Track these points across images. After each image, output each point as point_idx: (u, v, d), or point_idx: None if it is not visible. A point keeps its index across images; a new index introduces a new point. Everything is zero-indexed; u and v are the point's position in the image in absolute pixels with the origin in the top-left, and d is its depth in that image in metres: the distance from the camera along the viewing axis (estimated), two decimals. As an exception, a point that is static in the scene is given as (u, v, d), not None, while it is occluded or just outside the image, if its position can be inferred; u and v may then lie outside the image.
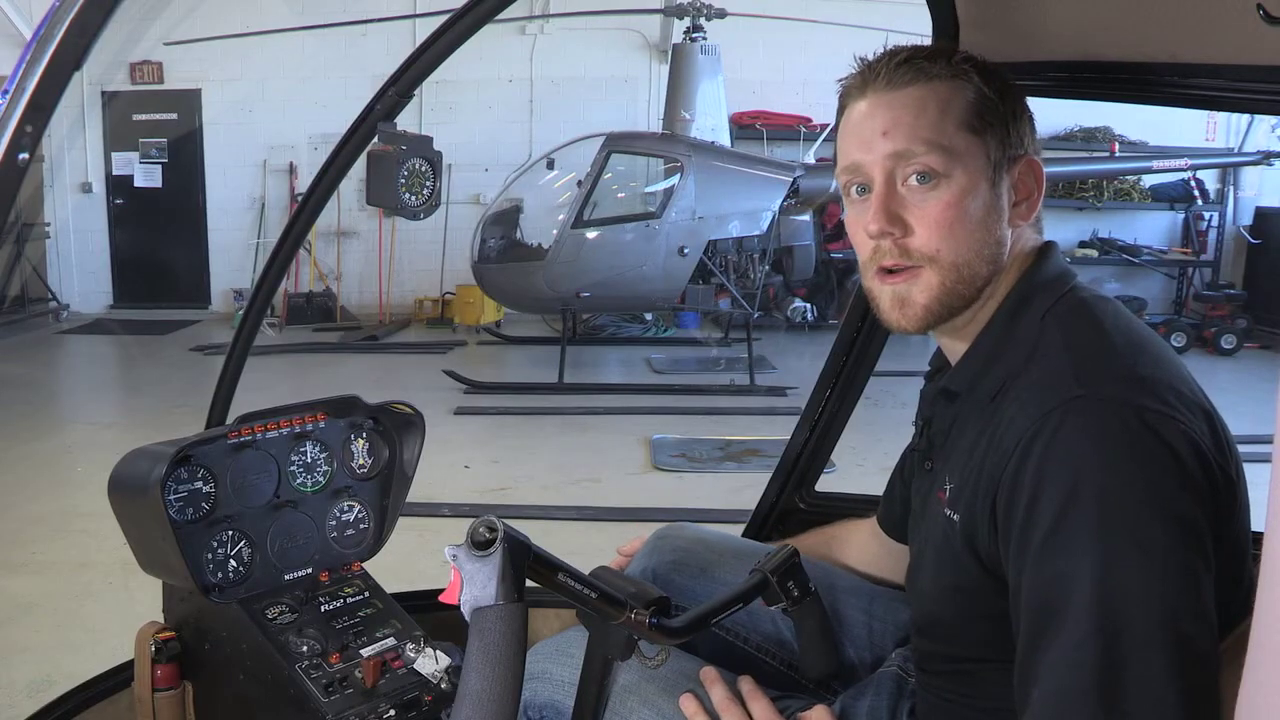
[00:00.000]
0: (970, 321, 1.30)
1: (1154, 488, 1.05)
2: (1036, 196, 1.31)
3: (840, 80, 1.33)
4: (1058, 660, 1.03)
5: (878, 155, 1.25)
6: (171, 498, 1.68)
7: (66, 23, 1.06)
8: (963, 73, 1.26)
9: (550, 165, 8.89)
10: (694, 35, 8.74)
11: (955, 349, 1.34)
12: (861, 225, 1.27)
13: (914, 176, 1.24)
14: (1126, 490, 1.05)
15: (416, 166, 1.90)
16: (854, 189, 1.30)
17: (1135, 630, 1.01)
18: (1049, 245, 1.33)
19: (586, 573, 1.27)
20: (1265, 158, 9.80)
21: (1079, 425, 1.08)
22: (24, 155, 1.07)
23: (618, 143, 8.64)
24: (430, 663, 1.67)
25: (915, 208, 1.24)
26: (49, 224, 11.29)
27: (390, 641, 1.74)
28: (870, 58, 1.30)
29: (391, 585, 1.90)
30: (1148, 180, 10.48)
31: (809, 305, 9.48)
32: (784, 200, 8.53)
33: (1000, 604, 1.15)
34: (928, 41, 1.83)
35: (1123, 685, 1.00)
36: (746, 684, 1.46)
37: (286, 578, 1.81)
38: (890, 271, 1.27)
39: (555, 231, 8.45)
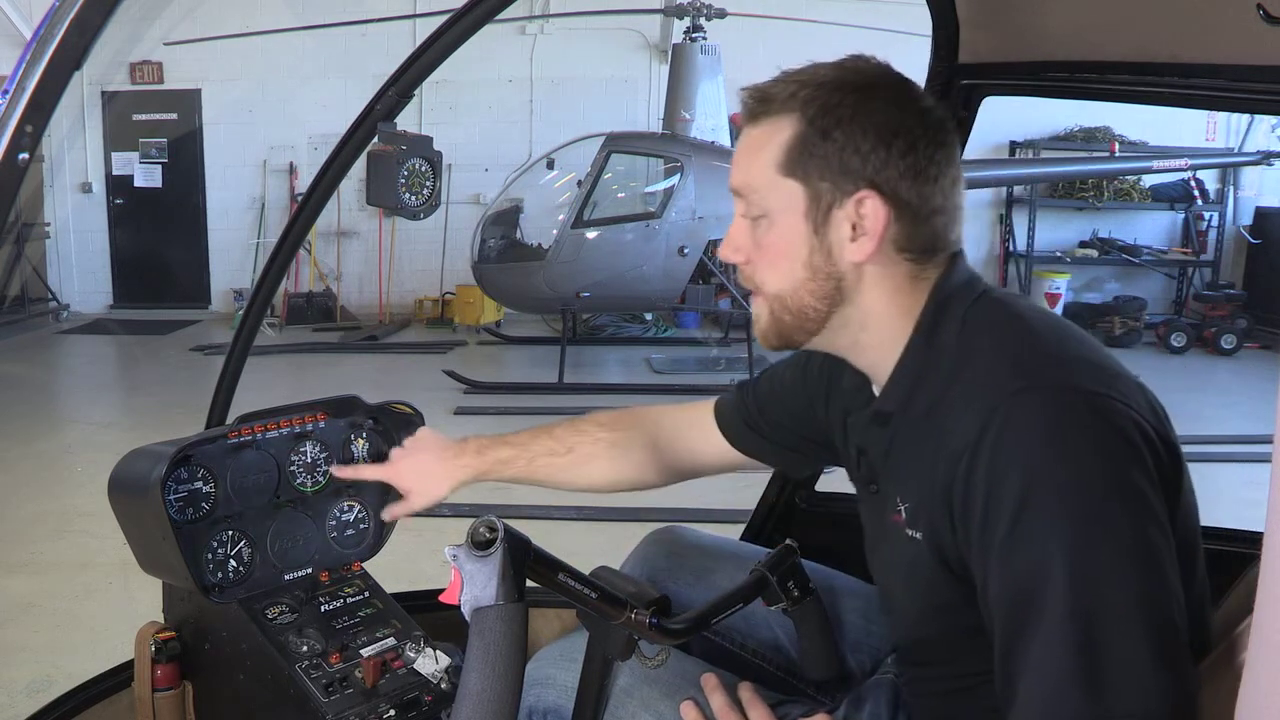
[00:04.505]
0: (879, 345, 1.27)
1: (1108, 468, 1.06)
2: (882, 228, 1.21)
3: None
4: (1040, 649, 1.04)
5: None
6: (171, 498, 1.69)
7: (66, 23, 1.05)
8: (789, 109, 1.23)
9: (550, 165, 8.90)
10: (694, 35, 8.74)
11: (875, 372, 1.31)
12: None
13: (748, 212, 1.28)
14: (1082, 475, 1.06)
15: (416, 166, 1.90)
16: None
17: (1113, 610, 1.02)
18: (953, 256, 1.28)
19: (586, 573, 1.27)
20: (1265, 158, 9.80)
21: (1025, 416, 1.09)
22: (24, 155, 1.07)
23: (618, 143, 8.64)
24: (430, 663, 1.67)
25: (752, 241, 1.28)
26: (49, 224, 11.28)
27: (390, 641, 1.74)
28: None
29: (391, 585, 1.90)
30: (1148, 180, 10.46)
31: (809, 305, 9.46)
32: (784, 200, 8.52)
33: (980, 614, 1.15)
34: (928, 42, 1.83)
35: (1104, 665, 1.01)
36: (746, 691, 1.45)
37: (286, 578, 1.81)
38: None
39: (555, 231, 8.46)
